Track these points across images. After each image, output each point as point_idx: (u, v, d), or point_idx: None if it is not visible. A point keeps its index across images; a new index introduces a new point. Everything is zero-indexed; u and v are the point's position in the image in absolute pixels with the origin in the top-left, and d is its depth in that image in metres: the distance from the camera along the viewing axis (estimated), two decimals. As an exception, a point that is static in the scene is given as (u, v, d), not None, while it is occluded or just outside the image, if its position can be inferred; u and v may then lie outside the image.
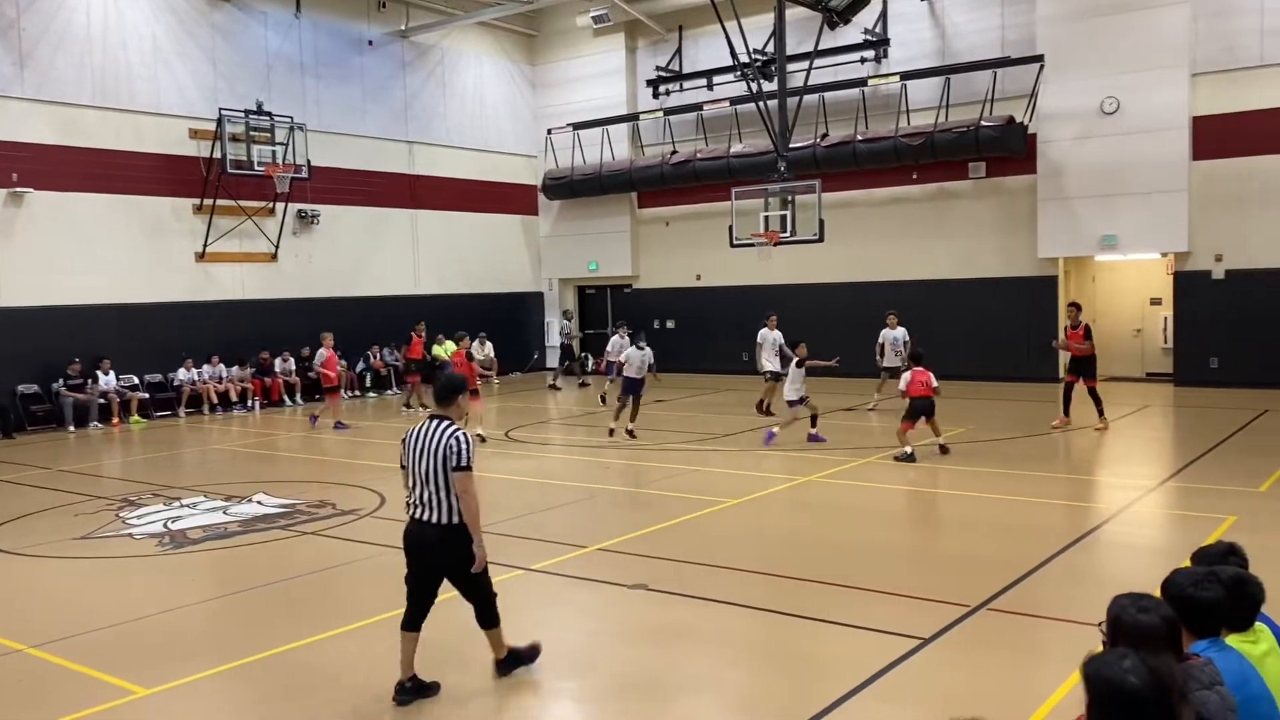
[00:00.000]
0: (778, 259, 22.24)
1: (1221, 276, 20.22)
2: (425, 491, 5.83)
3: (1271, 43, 19.33)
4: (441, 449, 5.78)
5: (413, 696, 5.89)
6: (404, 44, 25.87)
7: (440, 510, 5.82)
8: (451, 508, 5.82)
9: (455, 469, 5.77)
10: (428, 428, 5.90)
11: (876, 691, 5.83)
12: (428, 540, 5.88)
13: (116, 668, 6.52)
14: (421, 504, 5.86)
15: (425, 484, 5.82)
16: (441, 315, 25.37)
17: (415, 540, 5.94)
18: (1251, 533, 8.54)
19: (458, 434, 5.84)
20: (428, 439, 5.84)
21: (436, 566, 5.96)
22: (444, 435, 5.82)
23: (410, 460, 5.90)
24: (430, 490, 5.81)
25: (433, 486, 5.81)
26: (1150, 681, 2.79)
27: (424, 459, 5.81)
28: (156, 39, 21.00)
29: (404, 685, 5.91)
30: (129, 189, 20.57)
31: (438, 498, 5.81)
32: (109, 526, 10.78)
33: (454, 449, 5.78)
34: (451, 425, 5.91)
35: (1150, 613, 3.26)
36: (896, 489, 11.83)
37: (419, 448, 5.86)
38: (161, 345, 20.91)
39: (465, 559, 5.88)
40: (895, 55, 23.44)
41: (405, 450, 5.96)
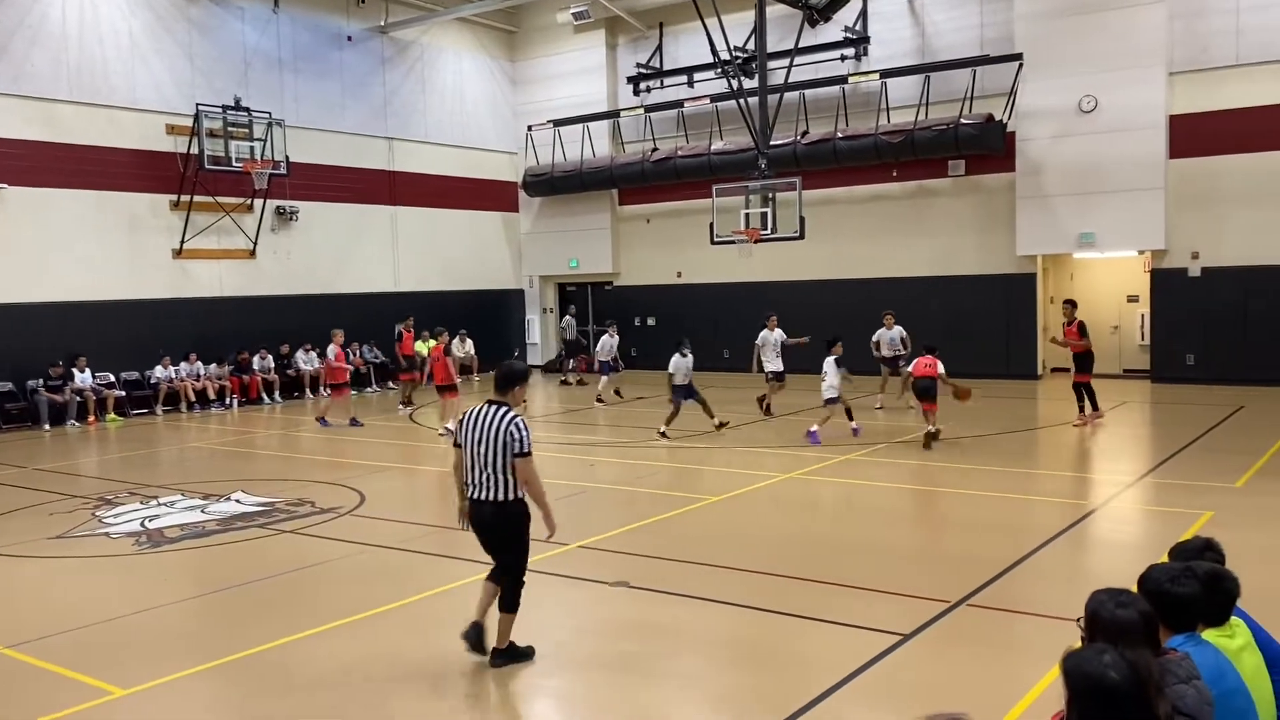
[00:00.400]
0: (758, 256, 22.28)
1: (1198, 274, 20.40)
2: (482, 473, 6.15)
3: (1246, 43, 19.50)
4: (502, 435, 6.08)
5: (475, 640, 6.31)
6: (383, 40, 25.74)
7: (494, 489, 6.14)
8: (504, 487, 6.13)
9: (516, 455, 6.08)
10: (487, 412, 6.17)
11: (857, 688, 5.85)
12: (485, 517, 6.23)
13: (93, 668, 6.47)
14: (477, 484, 6.19)
15: (482, 466, 6.14)
16: (422, 312, 25.24)
17: (476, 517, 6.30)
18: (1228, 528, 8.60)
19: (517, 421, 6.14)
20: (487, 423, 6.12)
21: (493, 538, 6.33)
22: (504, 422, 6.10)
23: (468, 442, 6.17)
24: (487, 472, 6.13)
25: (490, 469, 6.12)
26: (1130, 676, 2.81)
27: (482, 443, 6.11)
28: (133, 34, 20.81)
29: (475, 625, 6.33)
30: (105, 185, 20.38)
31: (494, 479, 6.13)
32: (85, 525, 10.68)
33: (514, 436, 6.08)
34: (510, 412, 6.18)
35: (1128, 608, 3.29)
36: (877, 486, 11.87)
37: (478, 431, 6.14)
38: (138, 342, 20.73)
39: (512, 535, 6.24)
40: (875, 53, 23.52)
41: (462, 432, 6.22)
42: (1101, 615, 3.30)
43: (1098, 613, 3.32)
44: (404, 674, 6.25)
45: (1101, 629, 3.28)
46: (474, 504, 6.25)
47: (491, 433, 6.09)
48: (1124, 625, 3.23)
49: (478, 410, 6.23)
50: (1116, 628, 3.23)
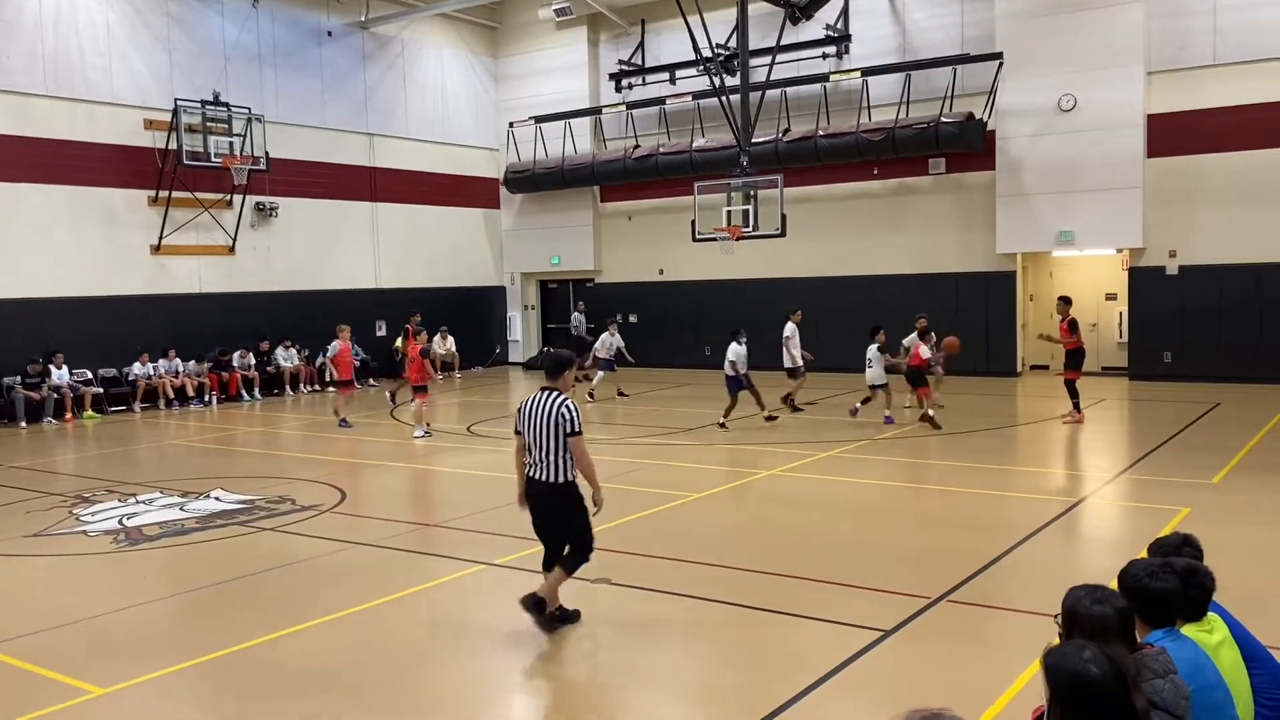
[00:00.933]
0: (740, 254, 22.32)
1: (1175, 272, 20.57)
2: (539, 453, 6.62)
3: (1223, 42, 19.67)
4: (554, 417, 6.55)
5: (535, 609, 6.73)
6: (364, 35, 25.61)
7: (550, 470, 6.61)
8: (559, 468, 6.60)
9: (569, 435, 6.55)
10: (541, 398, 6.65)
11: (839, 684, 5.87)
12: (542, 495, 6.69)
13: (71, 667, 6.41)
14: (535, 464, 6.65)
15: (539, 447, 6.61)
16: (403, 309, 25.17)
17: (533, 494, 6.74)
18: (1206, 524, 8.68)
19: (567, 403, 6.61)
20: (541, 408, 6.60)
21: (547, 515, 6.77)
22: (556, 405, 6.58)
23: (525, 426, 6.66)
24: (543, 453, 6.60)
25: (545, 450, 6.58)
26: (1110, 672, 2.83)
27: (538, 427, 6.59)
28: (110, 27, 20.62)
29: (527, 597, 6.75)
30: (82, 180, 20.20)
31: (549, 459, 6.59)
32: (62, 524, 10.59)
33: (565, 417, 6.55)
34: (561, 396, 6.67)
35: (1104, 604, 3.32)
36: (859, 482, 11.92)
37: (534, 417, 6.62)
38: (116, 339, 20.56)
39: (569, 512, 6.71)
40: (856, 51, 23.59)
41: (521, 417, 6.70)
42: (1078, 611, 3.33)
43: (1075, 609, 3.35)
44: (384, 671, 6.22)
45: (1078, 625, 3.31)
46: (532, 483, 6.70)
47: (545, 416, 6.55)
48: (1100, 622, 3.26)
49: (533, 397, 6.69)
50: (1092, 624, 3.26)
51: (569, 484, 6.67)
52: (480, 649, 6.76)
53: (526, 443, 6.71)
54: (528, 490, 6.78)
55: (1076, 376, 15.69)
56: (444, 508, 10.83)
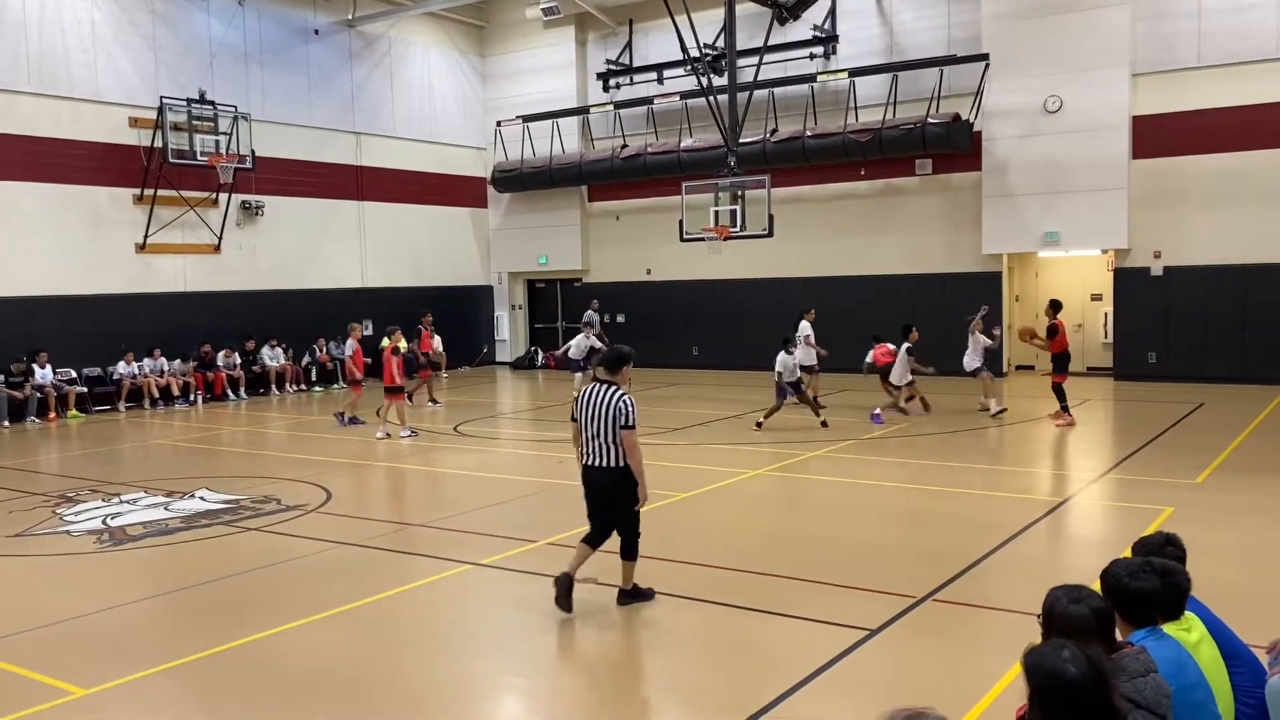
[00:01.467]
0: (728, 254, 22.36)
1: (1160, 273, 20.68)
2: (596, 443, 7.06)
3: (1208, 45, 19.79)
4: (611, 409, 6.98)
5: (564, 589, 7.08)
6: (351, 33, 25.54)
7: (606, 457, 7.06)
8: (614, 455, 7.03)
9: (623, 428, 6.97)
10: (598, 391, 7.09)
11: (824, 683, 5.88)
12: (598, 480, 7.13)
13: (54, 668, 6.37)
14: (591, 452, 7.10)
15: (596, 437, 7.04)
16: (389, 308, 25.11)
17: (589, 480, 7.19)
18: (1189, 523, 8.73)
19: (624, 398, 7.04)
20: (599, 400, 7.04)
21: (601, 500, 7.19)
22: (613, 398, 7.01)
23: (583, 417, 7.09)
24: (599, 442, 7.04)
25: (601, 439, 7.03)
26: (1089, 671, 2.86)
27: (596, 417, 7.02)
28: (95, 25, 20.51)
29: (565, 576, 7.11)
30: (66, 178, 20.08)
31: (605, 448, 7.03)
32: (46, 524, 10.52)
33: (621, 410, 6.97)
34: (618, 390, 7.09)
35: (1081, 604, 3.35)
36: (844, 482, 11.94)
37: (592, 408, 7.05)
38: (100, 338, 20.45)
39: (623, 497, 7.12)
40: (844, 52, 23.64)
41: (579, 408, 7.16)
42: (1056, 611, 3.37)
43: (1053, 608, 3.39)
44: (370, 672, 6.21)
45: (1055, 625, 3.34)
46: (588, 469, 7.15)
47: (603, 408, 6.99)
48: (1076, 621, 3.29)
49: (591, 389, 7.14)
50: (1069, 623, 3.29)
51: (624, 469, 7.05)
52: (466, 649, 6.76)
53: (583, 432, 7.13)
54: (584, 475, 7.22)
55: (1064, 379, 15.75)
56: (430, 507, 10.80)
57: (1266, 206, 19.47)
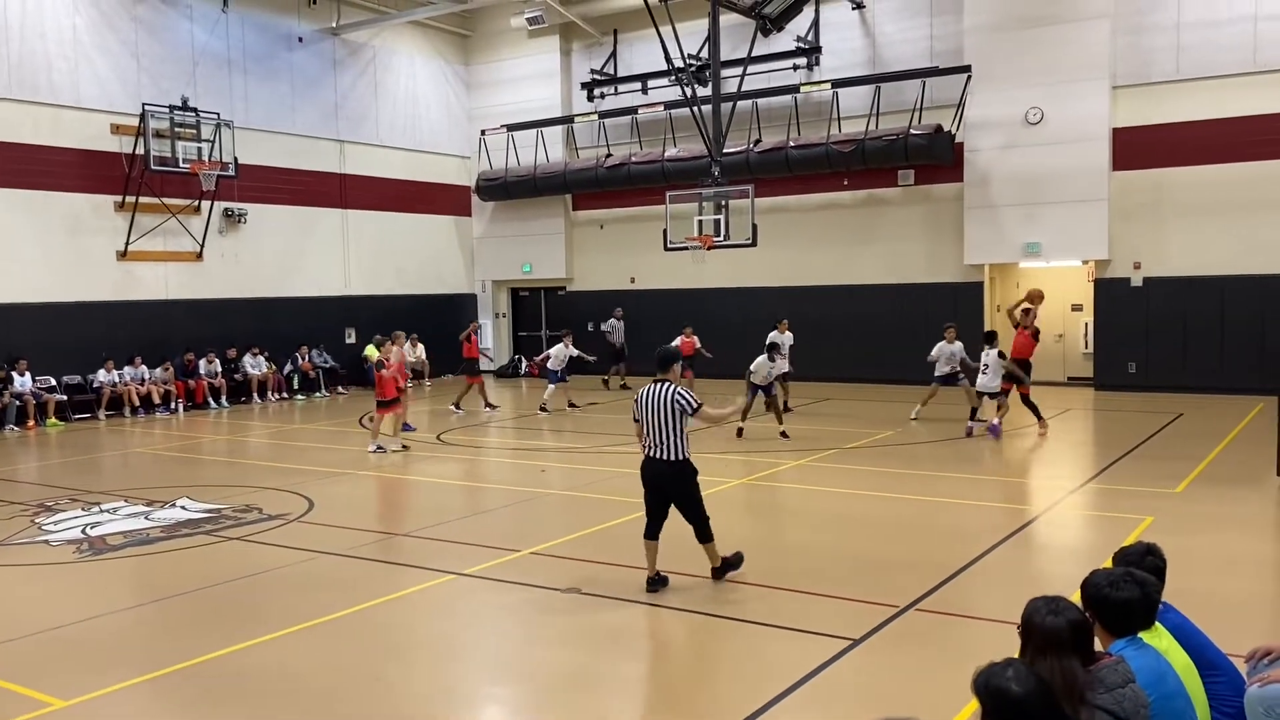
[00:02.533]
0: (712, 263, 22.41)
1: (1140, 284, 20.85)
2: (657, 437, 7.61)
3: (1186, 59, 20.00)
4: (670, 404, 7.56)
5: (660, 586, 7.76)
6: (335, 41, 25.50)
7: (667, 450, 7.60)
8: (675, 448, 7.60)
9: (691, 414, 7.62)
10: (655, 390, 7.66)
11: (808, 693, 5.89)
12: (660, 472, 7.69)
13: (32, 679, 6.32)
14: (655, 446, 7.63)
15: (657, 431, 7.60)
16: (373, 317, 25.08)
17: (651, 471, 7.74)
18: (1169, 533, 8.81)
19: (679, 391, 7.65)
20: (657, 397, 7.61)
21: (666, 491, 7.73)
22: (670, 394, 7.60)
23: (643, 414, 7.67)
24: (661, 436, 7.59)
25: (662, 433, 7.58)
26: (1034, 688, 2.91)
27: (656, 413, 7.58)
28: (77, 31, 20.41)
29: (651, 579, 7.79)
30: (47, 185, 19.95)
31: (667, 441, 7.59)
32: (24, 533, 10.44)
33: (680, 402, 7.59)
34: (673, 386, 7.69)
35: (1058, 615, 3.37)
36: (826, 491, 11.97)
37: (652, 405, 7.61)
38: (81, 346, 20.31)
39: (685, 484, 7.71)
40: (827, 63, 23.77)
41: (639, 407, 7.73)
42: (1034, 622, 3.39)
43: (1031, 619, 3.41)
44: (352, 682, 6.18)
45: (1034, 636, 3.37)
46: (652, 462, 7.68)
47: (661, 405, 7.57)
48: (1052, 633, 3.32)
49: (649, 389, 7.70)
50: (1045, 635, 3.32)
51: (685, 460, 7.65)
52: (450, 659, 6.74)
53: (644, 427, 7.67)
54: (645, 468, 7.75)
55: (1028, 390, 15.65)
56: (413, 517, 10.77)
57: (1245, 218, 19.67)
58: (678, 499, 7.77)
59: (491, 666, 6.58)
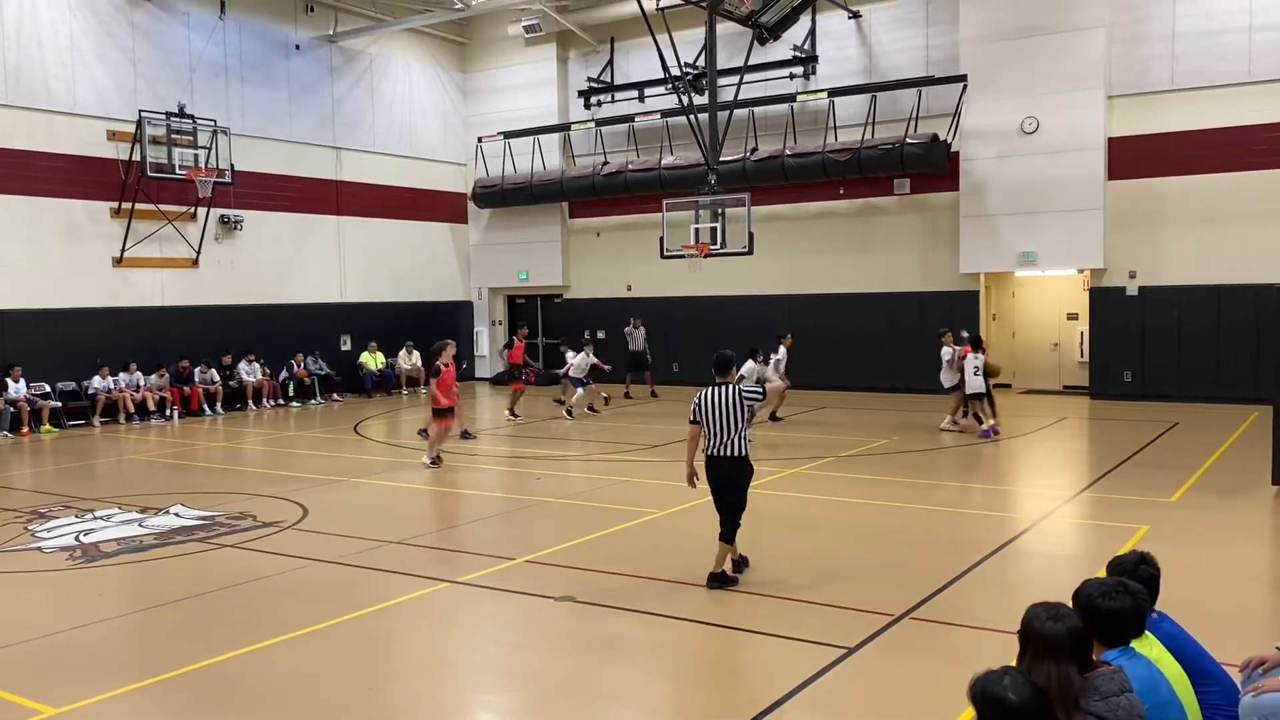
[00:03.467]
0: (708, 271, 22.41)
1: (1135, 293, 20.88)
2: (722, 435, 8.01)
3: (1181, 68, 20.06)
4: (741, 404, 8.02)
5: (744, 567, 8.42)
6: (332, 49, 25.53)
7: (733, 448, 8.03)
8: (740, 446, 8.03)
9: (760, 406, 8.39)
10: (718, 392, 8.05)
11: (803, 701, 5.88)
12: (724, 468, 8.10)
13: (23, 687, 6.29)
14: (720, 445, 8.02)
15: (722, 431, 8.00)
16: (368, 324, 25.06)
17: (718, 470, 8.12)
18: (1164, 542, 8.79)
19: (746, 390, 8.16)
20: (721, 399, 8.02)
21: (728, 484, 8.12)
22: (737, 394, 8.06)
23: (706, 416, 8.04)
24: (725, 435, 8.00)
25: (729, 432, 8.00)
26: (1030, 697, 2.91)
27: (719, 413, 7.99)
28: (74, 37, 20.41)
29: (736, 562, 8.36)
30: (42, 191, 19.93)
31: (731, 439, 8.01)
32: (17, 540, 10.40)
33: (750, 399, 8.13)
34: (736, 387, 8.15)
35: (1058, 622, 3.37)
36: (821, 499, 11.96)
37: (714, 406, 8.01)
38: (76, 352, 20.26)
39: (744, 481, 8.19)
40: (823, 72, 23.82)
41: (701, 408, 8.05)
42: (1033, 627, 3.39)
43: (1030, 625, 3.41)
44: (345, 690, 6.16)
45: (1033, 642, 3.36)
46: (716, 460, 8.06)
47: (730, 405, 7.97)
48: (1051, 639, 3.31)
49: (710, 393, 8.05)
50: (1044, 641, 3.32)
51: (747, 457, 8.12)
52: (442, 667, 6.72)
53: (707, 429, 8.04)
54: (712, 467, 8.09)
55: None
56: (407, 524, 10.75)
57: (1240, 227, 19.72)
58: (733, 491, 8.13)
59: (485, 675, 6.56)
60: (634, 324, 23.80)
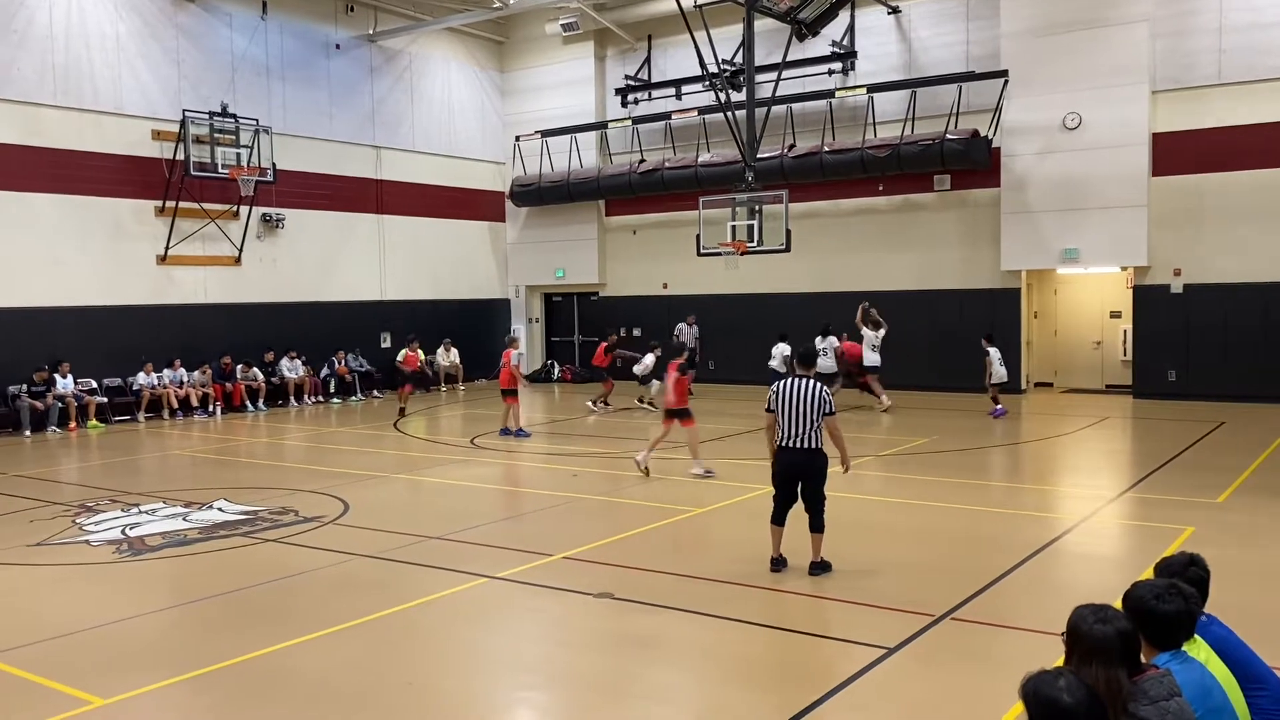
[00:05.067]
0: (744, 268, 22.35)
1: (1180, 291, 20.56)
2: (798, 428, 8.15)
3: (1229, 62, 19.71)
4: (815, 399, 8.17)
5: (781, 567, 8.44)
6: (372, 48, 25.73)
7: (807, 439, 8.17)
8: (815, 438, 8.18)
9: (826, 415, 8.21)
10: (798, 384, 8.24)
11: (842, 701, 5.85)
12: (798, 460, 8.25)
13: (72, 677, 6.41)
14: (795, 437, 8.17)
15: (798, 423, 8.14)
16: (407, 321, 25.22)
17: (787, 460, 8.28)
18: (1210, 544, 8.65)
19: (824, 389, 8.26)
20: (800, 392, 8.19)
21: (799, 477, 8.30)
22: (815, 390, 8.20)
23: (783, 406, 8.19)
24: (801, 427, 8.15)
25: (804, 425, 8.15)
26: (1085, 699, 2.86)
27: (797, 406, 8.14)
28: (120, 39, 20.74)
29: (775, 559, 8.49)
30: (90, 190, 20.28)
31: (808, 432, 8.15)
32: (66, 533, 10.59)
33: (825, 400, 8.24)
34: (816, 383, 8.27)
35: (1107, 624, 3.30)
36: (860, 499, 11.88)
37: (793, 398, 8.18)
38: (121, 349, 20.60)
39: (818, 474, 8.30)
40: (862, 68, 23.67)
41: (778, 399, 8.23)
42: (1081, 629, 3.32)
43: (1078, 627, 3.34)
44: (386, 684, 6.21)
45: (1079, 644, 3.30)
46: (789, 451, 8.22)
47: (808, 397, 8.15)
48: (1101, 641, 3.25)
49: (790, 383, 8.27)
50: (1093, 643, 3.25)
51: (821, 450, 8.23)
52: (482, 662, 6.76)
53: (781, 419, 8.17)
54: (783, 457, 8.26)
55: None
56: (447, 520, 10.81)
57: (1288, 224, 19.34)
58: (809, 483, 8.30)
59: (523, 671, 6.59)
60: (689, 322, 23.78)
